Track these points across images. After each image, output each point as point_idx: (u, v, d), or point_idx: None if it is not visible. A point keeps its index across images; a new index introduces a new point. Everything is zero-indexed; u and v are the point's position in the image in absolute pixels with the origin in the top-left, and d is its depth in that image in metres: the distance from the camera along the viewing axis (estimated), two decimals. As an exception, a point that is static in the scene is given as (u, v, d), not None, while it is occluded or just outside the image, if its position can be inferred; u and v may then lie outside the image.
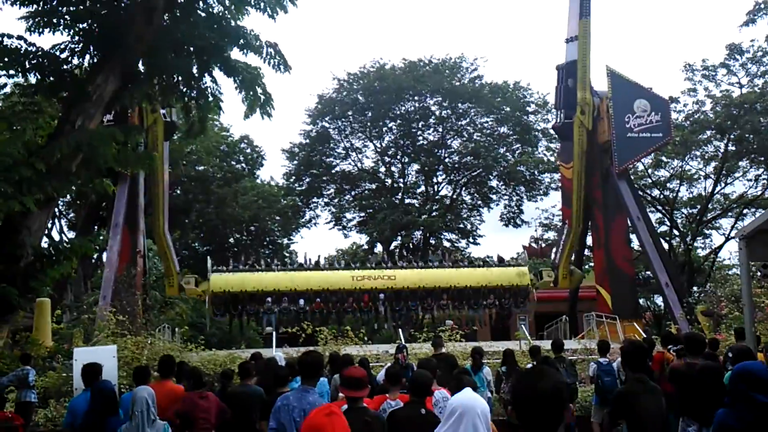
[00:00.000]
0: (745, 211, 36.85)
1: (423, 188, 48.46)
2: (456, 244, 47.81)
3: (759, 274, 15.27)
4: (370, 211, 45.80)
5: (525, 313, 29.19)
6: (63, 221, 35.18)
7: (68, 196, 30.78)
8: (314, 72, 77.78)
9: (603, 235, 27.86)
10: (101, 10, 10.33)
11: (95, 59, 10.49)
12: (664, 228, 38.54)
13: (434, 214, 45.25)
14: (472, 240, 47.72)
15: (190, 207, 39.23)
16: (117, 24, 10.14)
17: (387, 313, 27.53)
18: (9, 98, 13.54)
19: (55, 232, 33.47)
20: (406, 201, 46.65)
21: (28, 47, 10.08)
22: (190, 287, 26.32)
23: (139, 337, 17.22)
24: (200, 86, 10.52)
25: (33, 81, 10.83)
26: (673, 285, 24.66)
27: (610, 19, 69.77)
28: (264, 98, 10.50)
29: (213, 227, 41.23)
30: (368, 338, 19.24)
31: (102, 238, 19.96)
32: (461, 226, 47.39)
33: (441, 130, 46.88)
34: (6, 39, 9.76)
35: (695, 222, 37.80)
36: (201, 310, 27.31)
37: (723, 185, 37.76)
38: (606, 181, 27.38)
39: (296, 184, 47.50)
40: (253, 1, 10.31)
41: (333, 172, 47.82)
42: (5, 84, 11.12)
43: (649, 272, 31.88)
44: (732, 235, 36.04)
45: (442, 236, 47.24)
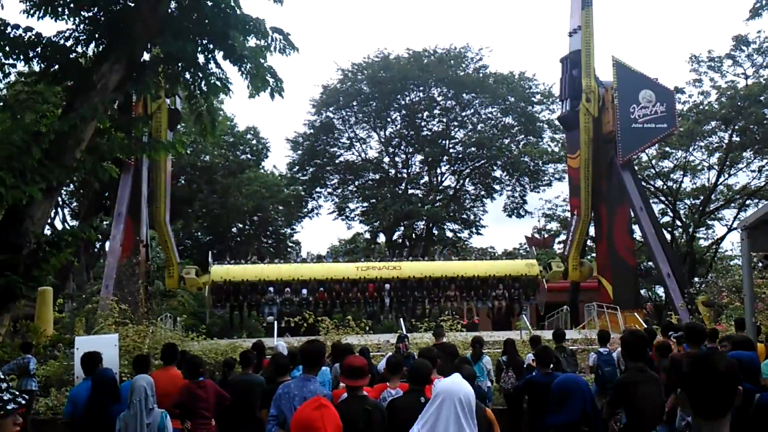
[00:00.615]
0: (747, 202, 36.80)
1: (426, 179, 48.46)
2: (459, 235, 47.86)
3: (760, 264, 15.28)
4: (374, 201, 45.81)
5: (536, 304, 28.93)
6: (66, 210, 35.24)
7: (71, 186, 30.83)
8: (319, 62, 77.82)
9: (605, 226, 27.85)
10: (106, -3, 10.31)
11: (100, 47, 10.47)
12: (666, 219, 38.52)
13: (437, 204, 45.27)
14: (475, 230, 47.76)
15: (193, 197, 39.26)
16: (122, 12, 10.11)
17: (393, 304, 27.05)
18: (13, 86, 13.52)
19: (58, 222, 33.55)
20: (410, 191, 46.67)
21: (33, 36, 10.07)
22: (191, 277, 26.20)
23: (140, 326, 17.29)
24: (206, 73, 10.49)
25: (37, 69, 10.82)
26: (674, 275, 24.66)
27: (616, 10, 69.53)
28: (274, 81, 10.46)
29: (216, 217, 41.28)
30: (370, 328, 19.27)
31: (106, 225, 19.98)
32: (464, 216, 47.42)
33: (445, 120, 46.85)
34: (9, 28, 9.75)
35: (698, 213, 37.76)
36: (202, 300, 27.29)
37: (726, 176, 37.72)
38: (610, 172, 27.36)
39: (300, 174, 47.52)
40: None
41: (337, 162, 47.84)
42: (9, 72, 11.10)
43: (650, 263, 31.87)
44: (734, 226, 36.01)
45: (445, 226, 47.27)
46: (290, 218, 46.18)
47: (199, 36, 10.42)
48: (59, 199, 29.08)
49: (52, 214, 31.97)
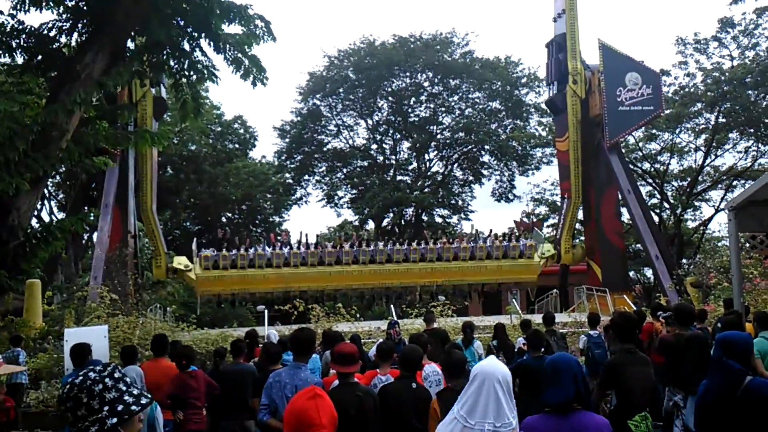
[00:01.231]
0: (734, 183, 37.05)
1: (415, 165, 48.42)
2: (448, 220, 47.92)
3: (747, 245, 15.36)
4: (362, 188, 45.74)
5: (528, 288, 28.89)
6: (53, 202, 35.03)
7: (58, 177, 30.62)
8: (305, 50, 77.28)
9: (594, 209, 27.93)
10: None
11: (83, 37, 10.37)
12: (654, 201, 38.71)
13: (426, 190, 45.25)
14: (463, 216, 47.84)
15: (181, 187, 39.08)
16: (105, 1, 10.01)
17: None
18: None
19: (45, 214, 33.33)
20: (398, 178, 46.63)
21: (16, 25, 9.96)
22: (180, 268, 25.82)
23: (130, 317, 17.23)
24: (192, 61, 10.42)
25: (20, 61, 10.71)
26: (663, 257, 24.80)
27: (601, -8, 69.35)
28: (256, 70, 10.41)
29: (204, 207, 41.14)
30: (360, 315, 19.27)
31: (93, 217, 19.86)
32: (453, 202, 47.45)
33: (432, 106, 46.77)
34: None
35: (685, 194, 37.96)
36: (192, 290, 27.09)
37: (713, 157, 37.96)
38: (597, 155, 27.42)
39: (288, 162, 47.39)
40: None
41: (324, 149, 47.71)
42: (-7, 64, 11.00)
43: (639, 245, 32.02)
44: (721, 207, 36.22)
45: (434, 212, 47.30)
46: (279, 206, 46.09)
47: (183, 23, 10.35)
48: (46, 191, 28.87)
49: (39, 206, 31.76)
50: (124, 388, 2.57)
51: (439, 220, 47.83)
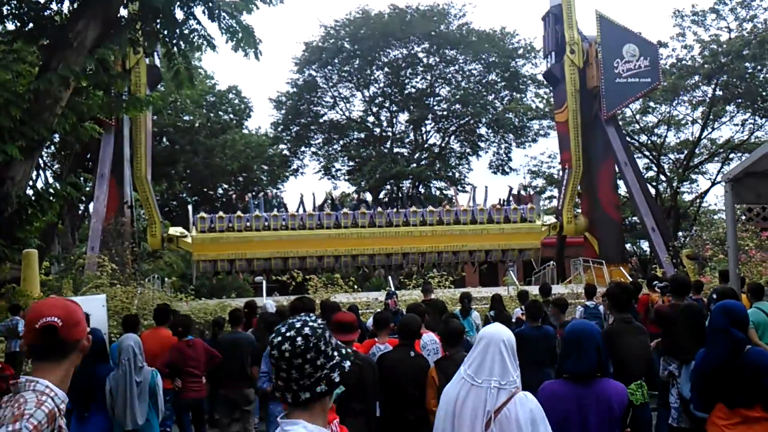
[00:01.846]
0: (731, 156, 37.05)
1: (412, 137, 48.27)
2: (444, 192, 47.92)
3: (744, 217, 15.42)
4: (359, 160, 45.61)
5: (530, 258, 28.47)
6: (48, 172, 34.89)
7: (52, 147, 30.48)
8: (302, 20, 76.63)
9: (590, 181, 27.93)
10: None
11: (75, 4, 10.26)
12: (651, 173, 38.73)
13: (423, 162, 45.15)
14: (461, 188, 47.79)
15: (176, 158, 38.92)
16: (97, -33, 9.89)
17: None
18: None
19: (40, 184, 33.21)
20: (395, 150, 46.49)
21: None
22: (176, 234, 25.49)
23: (128, 286, 17.27)
24: (186, 29, 10.31)
25: (11, 28, 10.60)
26: (659, 229, 24.90)
27: (600, -37, 68.70)
28: (251, 40, 10.31)
29: (201, 178, 41.01)
30: (358, 286, 19.32)
31: (84, 180, 19.79)
32: (450, 174, 47.37)
33: (429, 77, 46.49)
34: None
35: (682, 167, 37.98)
36: (189, 260, 27.02)
37: (710, 130, 37.90)
38: (594, 127, 27.37)
39: (284, 134, 47.19)
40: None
41: (321, 121, 47.46)
42: (-16, 32, 10.87)
43: (635, 217, 32.11)
44: (718, 179, 36.25)
45: (431, 184, 47.26)
46: (275, 178, 45.99)
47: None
48: (40, 160, 28.73)
49: (34, 176, 31.64)
50: (335, 342, 2.45)
51: (436, 192, 47.82)
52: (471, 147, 47.75)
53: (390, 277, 23.77)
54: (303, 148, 47.87)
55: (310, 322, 2.36)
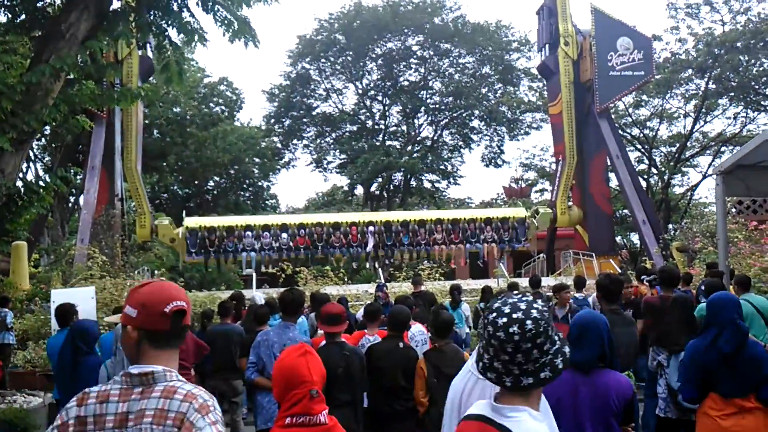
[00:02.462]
0: (723, 149, 37.13)
1: (404, 129, 48.25)
2: (436, 185, 47.94)
3: (734, 210, 15.46)
4: (351, 153, 45.58)
5: (527, 248, 28.33)
6: (38, 165, 34.72)
7: (43, 140, 30.33)
8: (296, 12, 76.37)
9: (582, 174, 27.98)
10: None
11: (68, -5, 10.20)
12: (642, 166, 38.80)
13: (415, 155, 45.15)
14: (453, 181, 47.84)
15: (168, 150, 38.77)
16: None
17: (377, 249, 25.58)
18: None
19: (30, 176, 33.04)
20: (387, 143, 46.47)
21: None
22: (164, 225, 25.35)
23: (117, 278, 17.22)
24: (181, 21, 10.24)
25: (3, 19, 10.54)
26: (649, 222, 24.99)
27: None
28: (248, 29, 10.26)
29: (192, 170, 40.87)
30: (348, 279, 19.32)
31: (80, 179, 19.71)
32: (442, 167, 47.39)
33: (422, 70, 46.48)
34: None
35: (673, 160, 38.06)
36: (178, 252, 27.00)
37: (702, 123, 37.96)
38: (587, 120, 27.41)
39: (276, 126, 47.11)
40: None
41: (314, 113, 47.40)
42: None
43: (626, 210, 32.18)
44: (709, 172, 36.34)
45: (423, 177, 47.28)
46: (267, 171, 45.89)
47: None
48: (31, 153, 28.59)
49: (24, 169, 31.47)
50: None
51: (427, 185, 47.83)
52: (463, 140, 47.78)
53: (380, 269, 23.77)
54: (295, 141, 47.82)
55: (534, 304, 2.24)
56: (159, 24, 10.29)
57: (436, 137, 48.00)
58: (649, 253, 23.57)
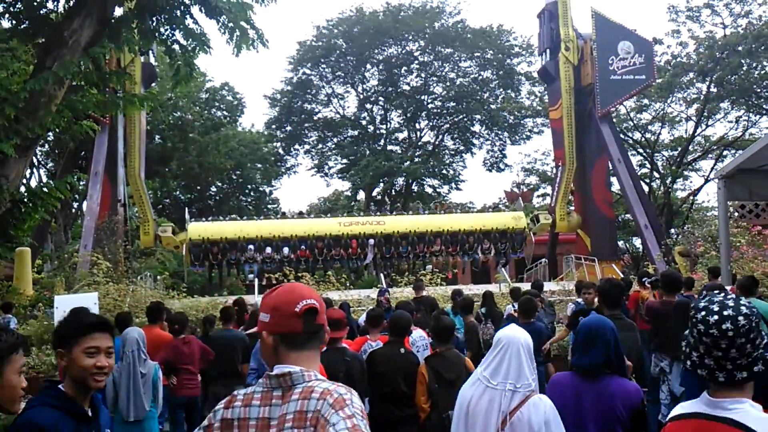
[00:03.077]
0: (725, 153, 37.10)
1: (406, 134, 48.29)
2: (438, 190, 47.93)
3: (736, 214, 15.45)
4: (353, 158, 45.62)
5: (523, 257, 28.34)
6: (42, 171, 34.81)
7: (46, 146, 30.43)
8: (297, 16, 76.58)
9: (584, 178, 27.98)
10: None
11: (71, 3, 10.23)
12: (644, 170, 38.79)
13: (417, 160, 45.18)
14: (454, 186, 47.84)
15: (170, 155, 38.80)
16: (93, -34, 9.86)
17: (376, 260, 26.11)
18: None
19: (33, 183, 33.12)
20: (389, 147, 46.50)
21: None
22: (167, 236, 25.55)
23: (120, 284, 17.25)
24: (186, 27, 10.28)
25: (7, 26, 10.58)
26: (651, 226, 24.96)
27: (594, -40, 68.73)
28: (254, 32, 10.28)
29: (194, 176, 40.89)
30: (350, 284, 19.32)
31: (83, 185, 19.77)
32: (444, 172, 47.40)
33: (423, 75, 46.51)
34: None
35: (675, 164, 38.03)
36: (182, 259, 27.09)
37: (704, 127, 37.97)
38: (588, 125, 27.41)
39: (278, 132, 47.17)
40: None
41: (315, 119, 47.48)
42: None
43: (628, 215, 32.16)
44: (711, 176, 36.31)
45: (425, 182, 47.29)
46: (269, 176, 45.93)
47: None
48: (34, 159, 28.68)
49: (28, 175, 31.56)
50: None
51: (429, 190, 47.83)
52: (465, 144, 47.78)
53: (382, 275, 23.78)
54: (296, 146, 47.86)
55: (741, 302, 2.36)
56: (162, 31, 10.33)
57: (437, 142, 48.04)
58: (652, 258, 23.56)
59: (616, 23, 27.24)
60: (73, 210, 32.87)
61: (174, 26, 10.24)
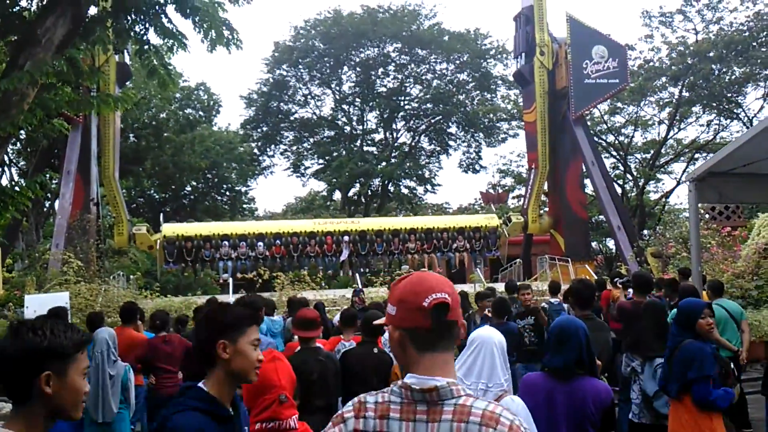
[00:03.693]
0: (696, 156, 37.60)
1: (382, 135, 48.36)
2: (414, 191, 48.04)
3: (707, 216, 15.67)
4: (329, 158, 45.59)
5: (498, 256, 28.56)
6: (13, 170, 34.34)
7: (18, 144, 30.01)
8: (270, 16, 76.33)
9: (558, 180, 28.19)
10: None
11: (44, 1, 10.12)
12: (617, 173, 39.18)
13: (393, 161, 45.24)
14: (430, 187, 47.98)
15: (144, 154, 38.44)
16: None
17: (352, 258, 26.05)
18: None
19: (5, 181, 32.67)
20: (365, 148, 46.53)
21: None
22: (142, 233, 25.26)
23: (92, 284, 17.07)
24: (162, 26, 10.20)
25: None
26: (624, 228, 25.21)
27: (569, -36, 69.34)
28: (229, 32, 10.23)
29: (169, 175, 40.54)
30: (325, 283, 19.30)
31: (55, 183, 19.51)
32: (420, 173, 47.52)
33: (400, 77, 46.61)
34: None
35: (648, 167, 38.46)
36: (155, 258, 26.86)
37: (676, 131, 38.43)
38: (562, 128, 27.62)
39: (254, 132, 46.98)
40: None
41: (291, 119, 47.35)
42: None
43: (602, 216, 32.45)
44: (683, 179, 36.76)
45: (401, 183, 47.38)
46: (245, 175, 45.71)
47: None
48: (6, 157, 28.26)
49: (-1, 173, 31.19)
50: None
51: (405, 191, 47.92)
52: (441, 146, 47.96)
53: (357, 274, 23.78)
54: (272, 146, 47.70)
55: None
56: (137, 30, 10.25)
57: (413, 143, 48.15)
58: (624, 259, 23.80)
59: (591, 28, 27.45)
60: (45, 209, 32.46)
61: (149, 25, 10.17)
